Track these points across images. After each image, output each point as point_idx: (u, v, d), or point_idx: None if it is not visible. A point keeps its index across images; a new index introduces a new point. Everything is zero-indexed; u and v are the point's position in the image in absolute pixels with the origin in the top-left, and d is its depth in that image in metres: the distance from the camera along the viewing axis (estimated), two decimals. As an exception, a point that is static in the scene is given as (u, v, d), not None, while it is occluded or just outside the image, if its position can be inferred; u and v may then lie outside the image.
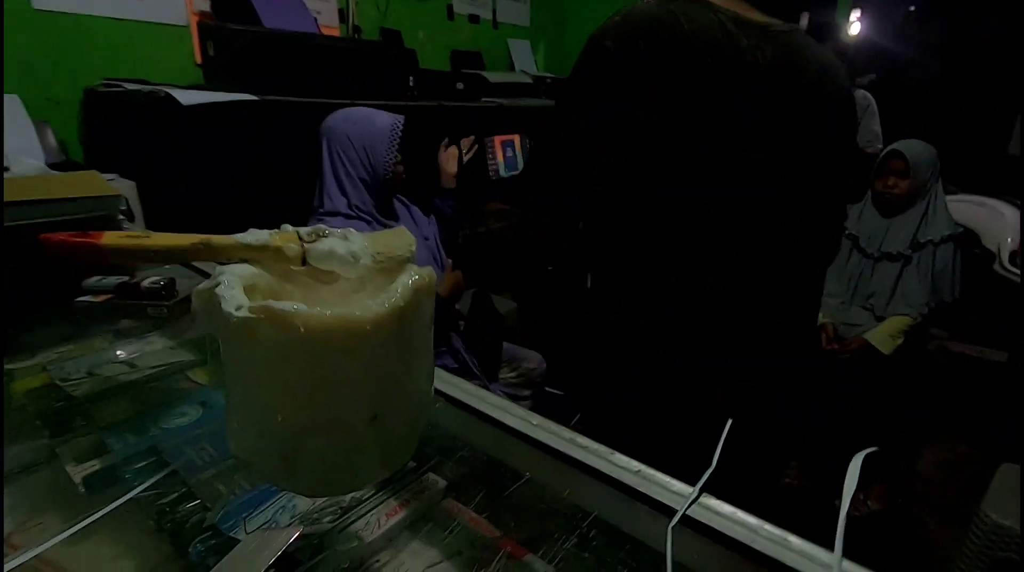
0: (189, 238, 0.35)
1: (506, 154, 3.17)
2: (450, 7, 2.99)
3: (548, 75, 3.27)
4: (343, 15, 2.56)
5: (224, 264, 0.35)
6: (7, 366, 0.72)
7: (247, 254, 0.36)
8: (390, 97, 2.22)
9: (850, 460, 0.37)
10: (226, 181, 1.85)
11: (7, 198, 0.82)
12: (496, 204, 2.97)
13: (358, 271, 0.38)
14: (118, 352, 0.73)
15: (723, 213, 0.76)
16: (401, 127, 1.46)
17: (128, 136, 1.81)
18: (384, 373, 0.33)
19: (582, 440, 0.38)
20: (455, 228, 1.81)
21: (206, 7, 2.11)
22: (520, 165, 3.23)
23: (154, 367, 0.71)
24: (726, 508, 0.35)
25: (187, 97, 1.63)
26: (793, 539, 0.33)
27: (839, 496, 0.33)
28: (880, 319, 1.97)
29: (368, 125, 1.45)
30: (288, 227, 0.40)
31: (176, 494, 0.52)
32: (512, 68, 3.29)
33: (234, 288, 0.32)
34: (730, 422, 0.43)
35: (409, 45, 2.60)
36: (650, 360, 0.84)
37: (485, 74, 2.83)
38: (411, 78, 2.35)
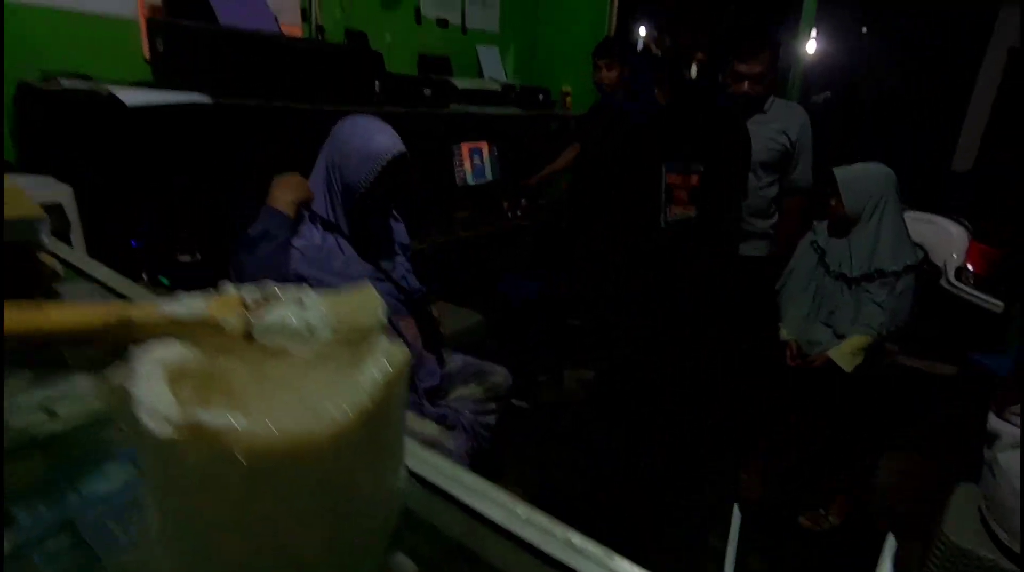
0: (101, 312, 0.28)
1: (473, 161, 3.11)
2: (418, 10, 2.91)
3: (516, 83, 3.23)
4: (305, 14, 2.45)
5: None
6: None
7: (177, 331, 0.29)
8: (355, 102, 2.13)
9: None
10: (176, 188, 1.73)
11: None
12: (463, 212, 2.91)
13: (314, 346, 0.32)
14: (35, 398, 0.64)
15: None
16: (392, 158, 1.38)
17: (66, 137, 1.68)
18: (345, 491, 0.27)
19: (577, 539, 0.33)
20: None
21: (158, 1, 1.98)
22: (488, 173, 3.17)
23: (79, 416, 0.62)
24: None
25: (132, 97, 1.51)
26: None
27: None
28: (840, 337, 2.00)
29: (366, 136, 1.40)
30: (229, 288, 0.34)
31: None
32: (481, 75, 3.23)
33: (156, 384, 0.25)
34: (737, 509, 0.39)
35: (375, 47, 2.51)
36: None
37: (454, 80, 2.77)
38: (377, 82, 2.27)
